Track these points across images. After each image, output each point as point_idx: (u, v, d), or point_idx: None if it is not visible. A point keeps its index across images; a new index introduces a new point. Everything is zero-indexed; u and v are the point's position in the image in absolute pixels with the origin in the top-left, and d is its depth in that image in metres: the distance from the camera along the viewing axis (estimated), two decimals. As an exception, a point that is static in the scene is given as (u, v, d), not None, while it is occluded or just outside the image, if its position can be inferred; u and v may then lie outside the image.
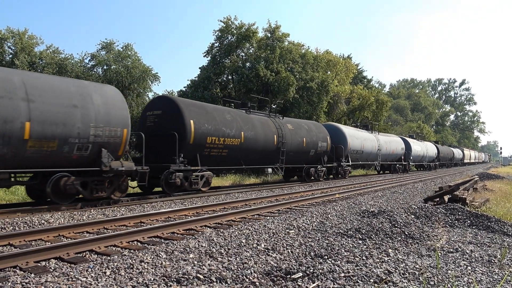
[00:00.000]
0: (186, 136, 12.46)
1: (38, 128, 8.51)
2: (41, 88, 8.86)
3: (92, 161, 9.80)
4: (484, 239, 6.25)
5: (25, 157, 8.54)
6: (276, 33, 29.72)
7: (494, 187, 16.31)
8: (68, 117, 9.10)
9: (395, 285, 3.84)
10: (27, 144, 8.41)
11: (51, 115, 8.78)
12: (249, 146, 15.23)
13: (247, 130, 15.13)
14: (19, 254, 4.79)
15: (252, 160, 15.97)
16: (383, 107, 39.37)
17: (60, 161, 9.24)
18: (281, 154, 17.17)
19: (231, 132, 14.26)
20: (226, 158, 14.44)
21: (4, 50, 25.99)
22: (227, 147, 14.13)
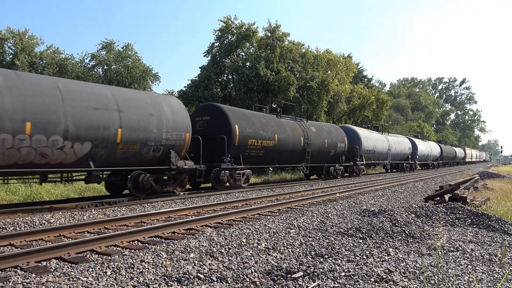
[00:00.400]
0: (232, 139, 14.27)
1: (126, 134, 10.40)
2: (127, 100, 10.77)
3: (162, 160, 11.72)
4: (485, 238, 6.25)
5: (116, 157, 10.43)
6: (276, 33, 29.69)
7: (495, 186, 16.30)
8: (147, 124, 11.01)
9: (396, 284, 3.84)
10: (118, 147, 10.31)
11: (135, 122, 10.69)
12: (281, 147, 17.13)
13: (280, 133, 17.07)
14: (20, 254, 4.80)
15: (283, 160, 17.87)
16: (383, 106, 39.34)
17: (139, 161, 11.13)
18: (307, 154, 19.09)
19: (267, 134, 16.14)
20: (262, 158, 16.38)
21: (5, 51, 25.99)
22: (264, 148, 16.07)
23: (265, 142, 16.02)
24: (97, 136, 9.73)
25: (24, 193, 12.59)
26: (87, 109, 9.62)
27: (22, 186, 13.19)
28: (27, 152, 8.49)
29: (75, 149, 9.39)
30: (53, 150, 8.93)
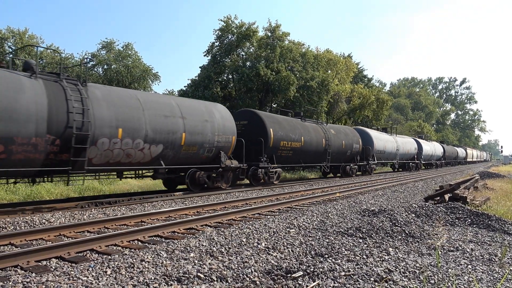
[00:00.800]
0: (268, 141, 16.13)
1: (189, 137, 12.31)
2: (188, 108, 12.73)
3: (213, 160, 13.65)
4: (485, 238, 6.25)
5: (179, 157, 12.34)
6: (276, 32, 29.67)
7: (495, 186, 16.30)
8: (203, 129, 12.90)
9: (396, 283, 3.84)
10: (182, 148, 12.21)
11: (195, 127, 12.58)
12: (307, 148, 18.96)
13: (305, 135, 18.87)
14: (20, 253, 4.80)
15: (308, 159, 19.74)
16: (383, 106, 39.32)
17: (195, 160, 13.05)
18: (328, 154, 21.05)
19: (295, 137, 17.96)
20: (291, 157, 18.22)
21: (5, 50, 26.00)
22: (292, 149, 17.85)
23: (293, 144, 17.81)
24: (167, 139, 11.65)
25: (24, 193, 12.61)
26: (160, 117, 11.52)
27: (22, 186, 13.19)
28: (117, 153, 10.40)
29: (151, 150, 11.30)
30: (136, 151, 10.87)
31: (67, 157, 9.19)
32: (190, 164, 12.90)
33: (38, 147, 8.62)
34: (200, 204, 10.03)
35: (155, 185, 16.91)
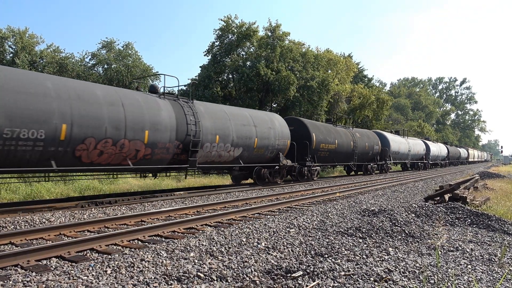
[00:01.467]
0: (311, 144, 19.19)
1: (259, 142, 15.45)
2: (258, 118, 15.93)
3: (273, 159, 16.83)
4: (485, 238, 6.26)
5: (251, 157, 15.44)
6: (276, 32, 29.67)
7: (495, 186, 16.30)
8: (268, 135, 16.02)
9: (395, 283, 3.85)
10: (254, 150, 15.30)
11: (263, 134, 15.72)
12: (339, 150, 22.19)
13: (338, 138, 22.08)
14: (20, 252, 4.81)
15: (340, 159, 23.03)
16: (383, 106, 39.34)
17: (261, 160, 16.24)
18: (354, 155, 24.26)
19: (331, 140, 21.08)
20: (327, 157, 21.35)
21: (5, 49, 25.99)
22: (329, 150, 21.05)
23: (329, 146, 20.97)
24: (245, 143, 14.70)
25: (25, 192, 12.61)
26: (241, 126, 14.59)
27: (22, 185, 13.21)
28: (214, 154, 13.55)
29: (234, 152, 14.36)
30: (225, 152, 13.91)
31: (185, 157, 12.34)
32: (257, 163, 16.13)
33: (169, 150, 11.74)
34: (200, 203, 10.03)
35: (155, 185, 16.92)
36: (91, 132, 9.48)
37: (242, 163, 14.90)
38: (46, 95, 8.75)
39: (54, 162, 8.93)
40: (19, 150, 8.29)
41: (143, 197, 11.50)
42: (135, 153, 10.70)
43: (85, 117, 9.37)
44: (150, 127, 10.93)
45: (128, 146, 10.42)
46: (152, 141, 10.98)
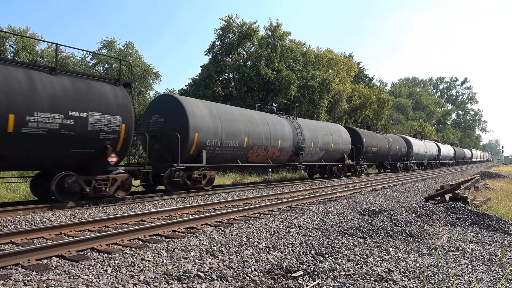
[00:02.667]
0: (363, 147, 25.38)
1: (335, 146, 21.70)
2: (332, 129, 22.01)
3: (339, 159, 22.73)
4: (485, 238, 6.25)
5: (328, 158, 21.43)
6: (277, 32, 29.67)
7: (495, 186, 16.29)
8: (338, 141, 22.05)
9: (396, 283, 3.84)
10: (330, 152, 21.40)
11: (336, 140, 21.88)
12: (380, 152, 28.52)
13: (379, 142, 28.44)
14: (21, 252, 4.81)
15: (380, 159, 29.29)
16: (384, 106, 39.32)
17: (333, 159, 22.07)
18: (389, 155, 30.58)
19: (374, 144, 27.41)
20: (372, 158, 27.57)
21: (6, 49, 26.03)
22: (373, 152, 27.19)
23: (374, 149, 27.20)
24: (325, 148, 20.77)
25: (25, 191, 12.62)
26: (323, 135, 20.72)
27: (23, 185, 13.22)
28: (309, 155, 19.53)
29: (319, 154, 20.48)
30: (315, 154, 20.09)
31: (295, 158, 18.47)
32: (331, 162, 21.92)
33: (288, 153, 17.80)
34: (200, 203, 10.03)
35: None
36: (256, 142, 15.55)
37: (323, 162, 21.32)
38: (237, 120, 14.82)
39: (239, 161, 15.13)
40: (227, 153, 14.34)
41: (144, 197, 11.51)
42: (272, 155, 16.97)
43: (254, 133, 15.41)
44: (281, 138, 17.10)
45: (271, 150, 16.61)
46: (282, 147, 17.24)
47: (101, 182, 9.83)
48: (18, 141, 8.15)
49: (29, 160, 8.69)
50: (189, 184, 12.86)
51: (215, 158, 13.96)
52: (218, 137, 13.67)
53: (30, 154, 8.51)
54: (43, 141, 8.47)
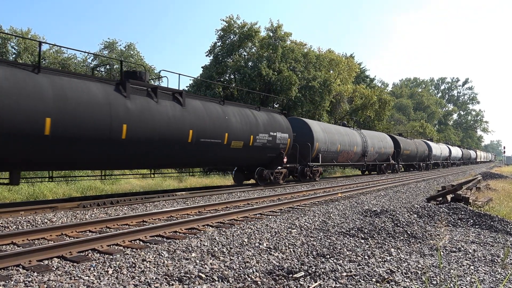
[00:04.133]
0: (400, 150, 31.95)
1: (384, 150, 28.73)
2: (381, 136, 29.63)
3: (385, 160, 29.47)
4: (487, 239, 6.23)
5: (380, 159, 28.40)
6: (278, 32, 29.66)
7: (497, 187, 16.24)
8: (386, 145, 28.77)
9: (398, 284, 3.83)
10: (382, 155, 28.70)
11: (385, 145, 28.87)
12: (411, 154, 35.64)
13: (410, 146, 35.35)
14: (22, 253, 4.81)
15: (411, 160, 36.34)
16: (385, 106, 39.27)
17: (382, 160, 28.82)
18: (416, 157, 37.15)
19: (407, 147, 33.97)
20: (406, 159, 34.45)
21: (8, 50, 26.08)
22: (406, 154, 33.96)
23: (407, 152, 34.14)
24: (379, 152, 27.27)
25: (27, 192, 12.64)
26: (378, 141, 27.40)
27: (25, 185, 13.24)
28: (370, 158, 26.26)
29: (375, 155, 26.77)
30: (372, 157, 26.41)
31: (362, 159, 24.78)
32: (380, 162, 28.54)
33: (357, 155, 24.14)
34: (201, 204, 10.02)
35: (156, 185, 16.94)
36: (343, 148, 22.13)
37: (377, 162, 27.96)
38: (333, 133, 21.48)
39: (334, 161, 21.71)
40: (329, 156, 20.83)
41: (145, 198, 11.51)
42: (351, 157, 23.49)
43: (343, 141, 22.14)
44: (355, 144, 23.53)
45: (350, 153, 23.08)
46: (356, 151, 23.77)
47: (277, 174, 16.84)
48: (252, 150, 14.69)
49: (250, 159, 15.36)
50: (311, 176, 19.78)
51: (323, 159, 20.76)
52: (326, 145, 20.36)
53: (253, 156, 15.14)
54: (260, 149, 15.11)
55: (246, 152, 14.43)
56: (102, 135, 9.41)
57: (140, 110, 10.33)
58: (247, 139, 14.23)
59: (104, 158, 10.00)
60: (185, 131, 11.58)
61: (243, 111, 14.65)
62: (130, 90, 10.31)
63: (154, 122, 10.61)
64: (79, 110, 8.94)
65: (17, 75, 8.22)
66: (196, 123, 11.96)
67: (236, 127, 13.70)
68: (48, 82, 8.64)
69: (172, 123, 11.17)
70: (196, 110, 12.25)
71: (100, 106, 9.41)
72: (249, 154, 14.73)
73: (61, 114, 8.57)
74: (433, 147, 42.87)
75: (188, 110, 11.90)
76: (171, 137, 11.18)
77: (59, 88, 8.75)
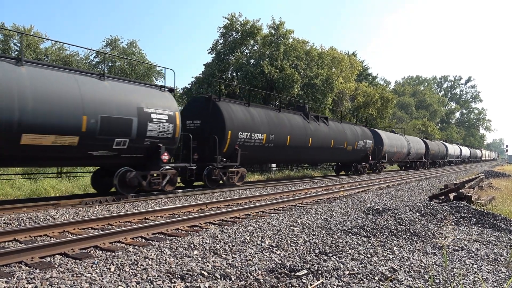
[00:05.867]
0: (430, 150, 39.66)
1: (418, 151, 36.34)
2: (416, 139, 38.35)
3: (419, 158, 37.89)
4: (490, 237, 6.21)
5: (417, 158, 37.06)
6: (280, 30, 29.57)
7: (500, 185, 16.18)
8: (420, 147, 37.14)
9: (400, 283, 3.81)
10: (418, 155, 37.11)
11: (419, 147, 37.34)
12: (435, 153, 42.11)
13: (435, 147, 42.52)
14: (24, 249, 4.82)
15: (435, 157, 42.94)
16: (388, 105, 39.20)
17: (417, 159, 37.32)
18: (438, 156, 43.32)
19: (432, 148, 40.67)
20: (431, 157, 41.26)
21: (10, 47, 26.10)
22: (432, 154, 40.33)
23: (433, 152, 40.51)
24: (416, 152, 35.03)
25: (29, 189, 12.67)
26: (416, 144, 35.70)
27: (27, 182, 13.27)
28: (412, 157, 35.03)
29: (414, 155, 35.00)
30: (415, 156, 35.51)
31: (407, 158, 34.30)
32: (415, 160, 35.07)
33: (405, 154, 33.14)
34: (203, 201, 10.03)
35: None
36: (398, 149, 30.50)
37: (415, 160, 34.96)
38: (394, 139, 30.92)
39: (392, 159, 30.13)
40: (393, 156, 30.88)
41: (147, 195, 11.52)
42: (400, 156, 31.06)
43: (398, 145, 30.53)
44: (404, 146, 31.29)
45: (401, 153, 31.05)
46: (404, 152, 31.42)
47: (364, 167, 26.29)
48: (353, 152, 23.70)
49: (343, 159, 24.32)
50: (380, 169, 28.78)
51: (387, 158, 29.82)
52: (388, 148, 28.96)
53: (347, 157, 23.76)
54: (353, 152, 23.76)
55: (351, 152, 23.67)
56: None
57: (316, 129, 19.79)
58: (353, 144, 23.42)
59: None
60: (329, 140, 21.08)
61: (351, 128, 24.09)
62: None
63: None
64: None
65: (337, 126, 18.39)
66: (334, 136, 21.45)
67: (348, 138, 23.00)
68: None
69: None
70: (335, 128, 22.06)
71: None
72: (351, 154, 23.74)
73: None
74: (449, 148, 51.14)
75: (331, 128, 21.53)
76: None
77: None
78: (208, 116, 13.96)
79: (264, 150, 15.58)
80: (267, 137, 15.42)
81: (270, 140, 15.54)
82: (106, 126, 9.60)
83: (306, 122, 18.70)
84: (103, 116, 9.53)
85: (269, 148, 15.67)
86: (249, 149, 14.70)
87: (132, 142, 10.35)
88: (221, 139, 13.55)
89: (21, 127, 8.09)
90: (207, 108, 14.05)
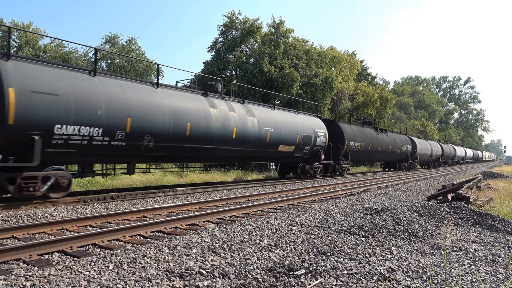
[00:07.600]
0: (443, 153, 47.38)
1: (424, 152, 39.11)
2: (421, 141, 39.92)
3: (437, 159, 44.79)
4: (488, 238, 6.22)
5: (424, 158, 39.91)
6: (280, 29, 29.56)
7: (498, 186, 16.22)
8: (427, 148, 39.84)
9: (399, 283, 3.82)
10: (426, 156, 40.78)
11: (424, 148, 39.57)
12: (447, 155, 48.90)
13: (447, 149, 49.35)
14: (22, 247, 4.81)
15: (447, 158, 48.86)
16: (387, 104, 39.24)
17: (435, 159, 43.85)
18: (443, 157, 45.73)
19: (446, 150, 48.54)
20: (445, 158, 48.44)
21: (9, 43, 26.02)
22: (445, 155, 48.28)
23: (446, 153, 46.94)
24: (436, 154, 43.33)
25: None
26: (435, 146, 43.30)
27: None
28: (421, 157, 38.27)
29: (433, 156, 42.12)
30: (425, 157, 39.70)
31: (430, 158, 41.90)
32: (435, 159, 42.69)
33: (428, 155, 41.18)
34: (202, 200, 10.02)
35: (157, 180, 16.94)
36: (424, 152, 37.73)
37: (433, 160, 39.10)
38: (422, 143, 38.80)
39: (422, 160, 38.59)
40: (424, 157, 39.27)
41: (145, 193, 11.51)
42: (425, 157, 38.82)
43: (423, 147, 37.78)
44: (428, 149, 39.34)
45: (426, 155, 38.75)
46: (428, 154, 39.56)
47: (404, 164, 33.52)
48: (400, 154, 31.61)
49: (394, 159, 32.19)
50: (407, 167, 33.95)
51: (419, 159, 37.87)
52: (420, 151, 35.94)
53: (396, 158, 31.94)
54: (400, 154, 31.60)
55: (399, 154, 31.52)
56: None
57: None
58: (400, 148, 32.67)
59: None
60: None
61: (399, 136, 32.32)
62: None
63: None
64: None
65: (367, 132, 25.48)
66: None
67: (398, 144, 31.48)
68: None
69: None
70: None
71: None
72: (398, 155, 31.58)
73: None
74: (457, 150, 58.47)
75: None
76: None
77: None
78: (333, 132, 21.51)
79: (359, 153, 24.09)
80: (361, 145, 23.79)
81: (362, 146, 23.94)
82: (303, 140, 17.91)
83: (376, 133, 26.76)
84: (304, 135, 17.80)
85: (360, 151, 24.00)
86: (352, 152, 23.02)
87: (311, 148, 18.65)
88: (342, 146, 21.96)
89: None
90: (333, 126, 22.11)
